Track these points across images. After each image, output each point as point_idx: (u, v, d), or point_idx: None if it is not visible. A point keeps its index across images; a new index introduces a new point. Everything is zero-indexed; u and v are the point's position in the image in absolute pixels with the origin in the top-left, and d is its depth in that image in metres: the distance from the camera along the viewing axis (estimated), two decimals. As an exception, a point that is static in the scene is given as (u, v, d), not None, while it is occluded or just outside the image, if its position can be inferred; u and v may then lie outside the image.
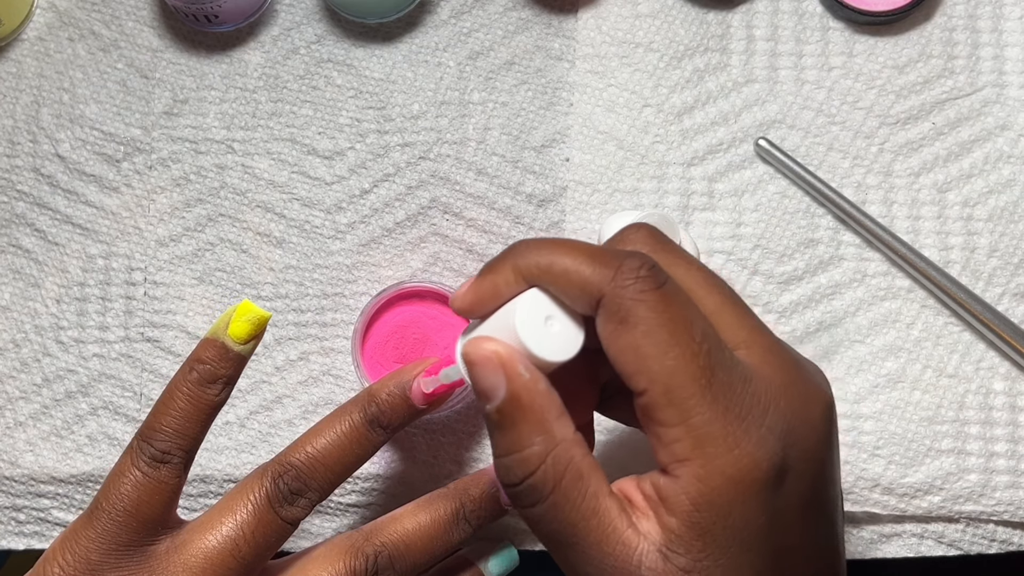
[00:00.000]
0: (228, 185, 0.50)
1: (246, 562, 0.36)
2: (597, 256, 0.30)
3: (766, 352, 0.30)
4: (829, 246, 0.48)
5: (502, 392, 0.30)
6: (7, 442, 0.49)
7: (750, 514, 0.28)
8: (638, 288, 0.29)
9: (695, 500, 0.28)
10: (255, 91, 0.51)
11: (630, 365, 0.29)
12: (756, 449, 0.28)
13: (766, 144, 0.48)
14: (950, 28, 0.49)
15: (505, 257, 0.31)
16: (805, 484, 0.29)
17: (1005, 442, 0.46)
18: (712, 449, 0.28)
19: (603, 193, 0.49)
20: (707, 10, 0.50)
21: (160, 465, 0.36)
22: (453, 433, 0.47)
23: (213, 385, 0.37)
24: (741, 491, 0.28)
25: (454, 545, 0.40)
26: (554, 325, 0.30)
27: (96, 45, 0.52)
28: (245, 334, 0.37)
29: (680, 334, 0.28)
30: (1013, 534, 0.45)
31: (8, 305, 0.50)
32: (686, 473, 0.28)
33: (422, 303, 0.45)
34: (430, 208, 0.49)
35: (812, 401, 0.30)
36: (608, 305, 0.29)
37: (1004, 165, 0.48)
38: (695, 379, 0.28)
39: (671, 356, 0.28)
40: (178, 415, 0.36)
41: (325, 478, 0.38)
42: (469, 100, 0.50)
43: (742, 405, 0.28)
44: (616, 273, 0.29)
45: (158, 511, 0.36)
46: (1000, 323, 0.45)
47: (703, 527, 0.28)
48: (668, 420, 0.28)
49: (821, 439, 0.30)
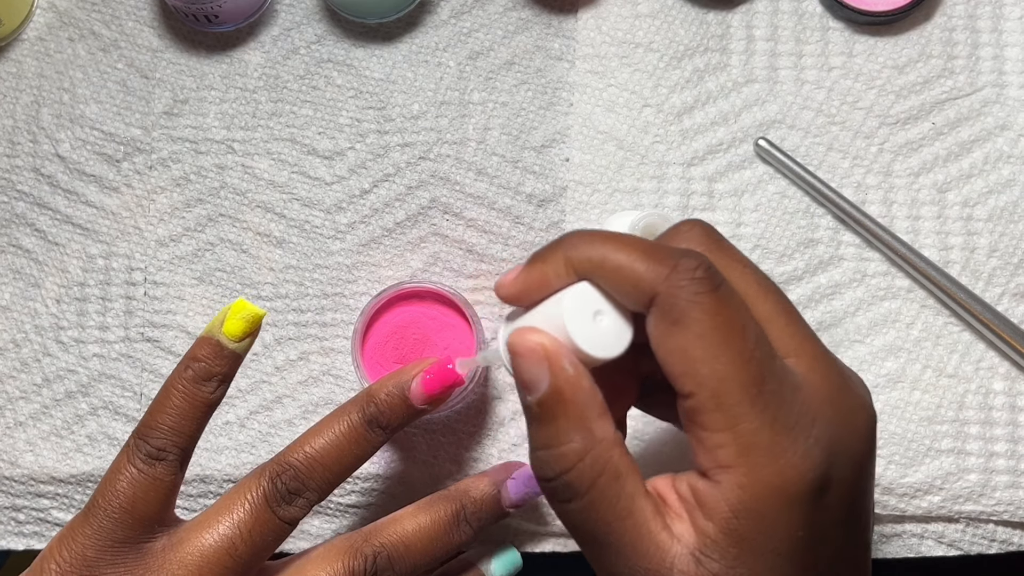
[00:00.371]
0: (228, 185, 0.50)
1: (243, 561, 0.36)
2: (652, 253, 0.29)
3: (814, 361, 0.30)
4: (829, 246, 0.48)
5: (545, 385, 0.29)
6: (7, 442, 0.49)
7: (791, 525, 0.28)
8: (693, 289, 0.28)
9: (735, 507, 0.28)
10: (255, 91, 0.51)
11: (679, 367, 0.28)
12: (802, 460, 0.28)
13: (766, 144, 0.48)
14: (950, 28, 0.49)
15: (557, 247, 0.31)
16: (846, 496, 0.29)
17: (1005, 442, 0.46)
18: (757, 458, 0.28)
19: (603, 193, 0.49)
20: (707, 10, 0.50)
21: (156, 462, 0.36)
22: (453, 433, 0.47)
23: (208, 383, 0.37)
24: (783, 502, 0.28)
25: (455, 547, 0.40)
26: (603, 321, 0.30)
27: (96, 45, 0.52)
28: (240, 332, 0.37)
29: (733, 340, 0.28)
30: (1013, 534, 0.45)
31: (8, 305, 0.50)
32: (728, 480, 0.28)
33: (422, 303, 0.45)
34: (430, 208, 0.49)
35: (857, 412, 0.30)
36: (662, 304, 0.29)
37: (1004, 165, 0.48)
38: (745, 386, 0.28)
39: (722, 361, 0.28)
40: (174, 413, 0.37)
41: (323, 478, 0.38)
42: (469, 100, 0.50)
43: (790, 415, 0.28)
44: (671, 272, 0.28)
45: (154, 508, 0.36)
46: (1000, 323, 0.45)
47: (740, 534, 0.28)
48: (714, 425, 0.28)
49: (864, 451, 0.30)
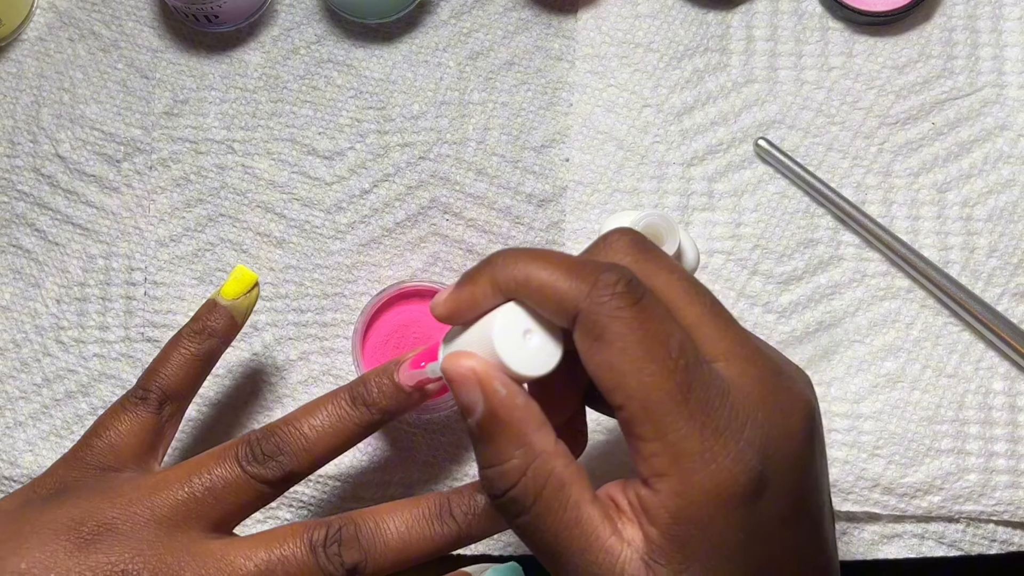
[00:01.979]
0: (228, 185, 0.50)
1: (196, 497, 0.36)
2: (574, 270, 0.30)
3: (745, 363, 0.30)
4: (829, 246, 0.48)
5: (480, 408, 0.30)
6: (7, 442, 0.49)
7: (729, 527, 0.28)
8: (614, 304, 0.29)
9: (674, 514, 0.28)
10: (255, 91, 0.51)
11: (607, 381, 0.29)
12: (734, 464, 0.28)
13: (766, 144, 0.48)
14: (950, 28, 0.49)
15: (483, 268, 0.31)
16: (786, 495, 0.29)
17: (1005, 442, 0.46)
18: (689, 464, 0.28)
19: (603, 193, 0.49)
20: (707, 10, 0.50)
21: (139, 401, 0.40)
22: (453, 433, 0.47)
23: (199, 335, 0.41)
24: (719, 505, 0.28)
25: (437, 540, 0.37)
26: (532, 340, 0.31)
27: (96, 45, 0.53)
28: (233, 292, 0.42)
29: (656, 350, 0.28)
30: (1013, 534, 0.45)
31: (8, 305, 0.50)
32: (665, 487, 0.28)
33: (422, 303, 0.45)
34: (430, 208, 0.49)
35: (792, 411, 0.30)
36: (584, 321, 0.29)
37: (1003, 165, 0.48)
38: (671, 396, 0.28)
39: (647, 373, 0.28)
40: (162, 359, 0.41)
41: (300, 445, 0.37)
42: (469, 100, 0.50)
43: (719, 420, 0.28)
44: (592, 288, 0.29)
45: (126, 440, 0.39)
46: (999, 323, 0.45)
47: (682, 540, 0.28)
48: (646, 435, 0.28)
49: (802, 450, 0.30)
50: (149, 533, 0.35)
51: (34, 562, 0.34)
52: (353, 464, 0.47)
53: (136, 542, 0.35)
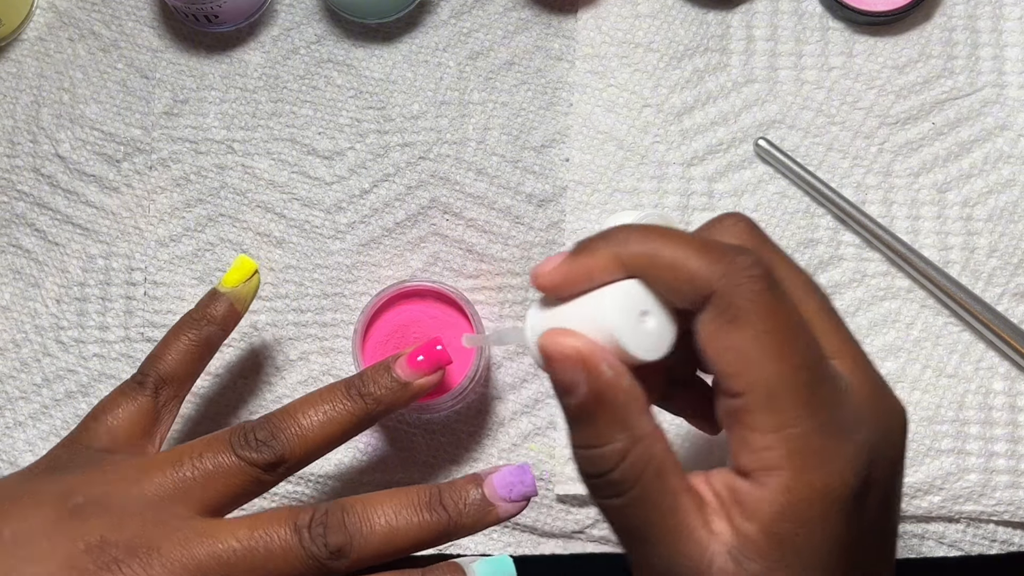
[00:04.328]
0: (228, 185, 0.50)
1: (185, 477, 0.35)
2: (706, 249, 0.28)
3: (856, 363, 0.30)
4: (829, 246, 0.48)
5: (583, 389, 0.29)
6: (7, 442, 0.49)
7: (833, 529, 0.28)
8: (753, 288, 0.28)
9: (780, 510, 0.27)
10: (255, 91, 0.51)
11: (732, 366, 0.28)
12: (847, 464, 0.28)
13: (766, 144, 0.48)
14: (950, 28, 0.49)
15: (603, 241, 0.30)
16: (883, 500, 0.29)
17: (1005, 442, 0.45)
18: (806, 462, 0.27)
19: (603, 193, 0.49)
20: (707, 10, 0.50)
21: (137, 386, 0.40)
22: (453, 433, 0.47)
23: (198, 322, 0.42)
24: (829, 506, 0.27)
25: (426, 528, 0.36)
26: (649, 321, 0.29)
27: (96, 45, 0.53)
28: (233, 280, 0.43)
29: (788, 342, 0.28)
30: (1014, 534, 0.45)
31: (8, 305, 0.50)
32: (774, 482, 0.27)
33: (423, 302, 0.45)
34: (430, 208, 0.49)
35: (894, 416, 0.30)
36: (718, 303, 0.28)
37: (1004, 165, 0.48)
38: (798, 390, 0.27)
39: (777, 364, 0.27)
40: (161, 346, 0.42)
41: (295, 433, 0.37)
42: (469, 100, 0.50)
43: (840, 420, 0.28)
44: (728, 269, 0.28)
45: (120, 422, 0.39)
46: (1000, 323, 0.45)
47: (783, 537, 0.27)
48: (763, 427, 0.28)
49: (899, 455, 0.30)
50: (134, 507, 0.35)
51: (17, 530, 0.34)
52: (353, 464, 0.47)
53: (120, 515, 0.34)
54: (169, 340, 0.42)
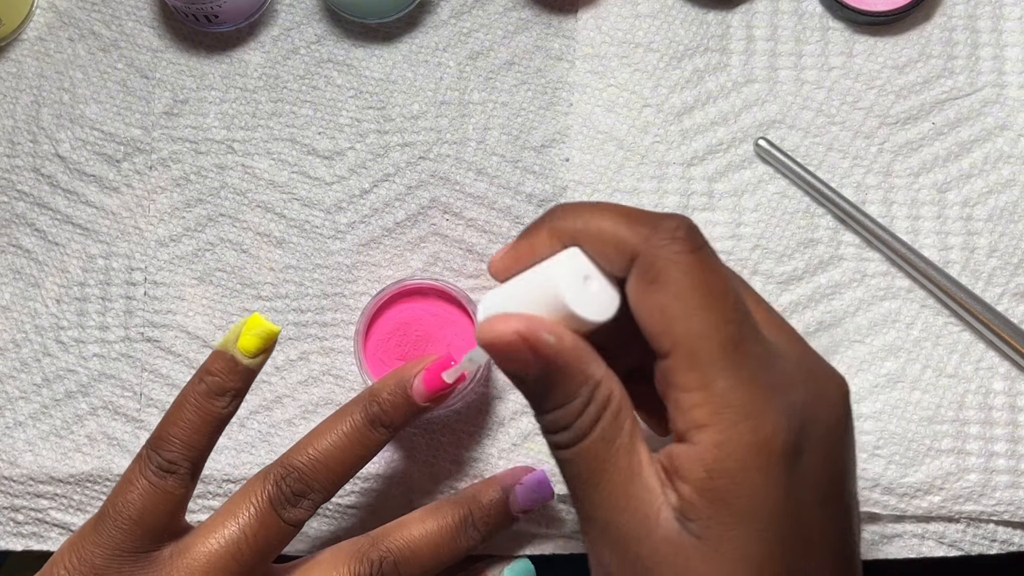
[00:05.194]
0: (228, 185, 0.50)
1: (248, 565, 0.36)
2: (634, 216, 0.29)
3: (784, 332, 0.30)
4: (829, 246, 0.48)
5: (535, 366, 0.29)
6: (6, 442, 0.49)
7: (768, 485, 0.27)
8: (674, 248, 0.28)
9: (710, 467, 0.27)
10: (255, 91, 0.51)
11: (657, 326, 0.28)
12: (777, 418, 0.27)
13: (766, 144, 0.48)
14: (950, 28, 0.49)
15: (542, 220, 0.31)
16: (823, 469, 0.29)
17: (1005, 442, 0.45)
18: (732, 416, 0.27)
19: (603, 193, 0.49)
20: (707, 10, 0.50)
21: (167, 475, 0.36)
22: (453, 433, 0.47)
23: (221, 397, 0.37)
24: (758, 460, 0.27)
25: (462, 552, 0.40)
26: (592, 285, 0.30)
27: (96, 45, 0.53)
28: (254, 348, 0.37)
29: (712, 299, 0.28)
30: (1014, 534, 0.45)
31: (8, 305, 0.50)
32: (704, 439, 0.28)
33: (424, 300, 0.45)
34: (430, 208, 0.49)
35: (832, 386, 0.30)
36: (641, 264, 0.29)
37: (1004, 165, 0.48)
38: (722, 345, 0.28)
39: (699, 320, 0.28)
40: (186, 426, 0.37)
41: (328, 479, 0.38)
42: (469, 100, 0.50)
43: (766, 377, 0.28)
44: (652, 232, 0.29)
45: (163, 520, 0.36)
46: (1000, 323, 0.45)
47: (717, 494, 0.27)
48: (689, 384, 0.28)
49: (840, 423, 0.30)
50: None
51: None
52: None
53: None
54: (196, 423, 0.37)
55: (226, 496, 0.48)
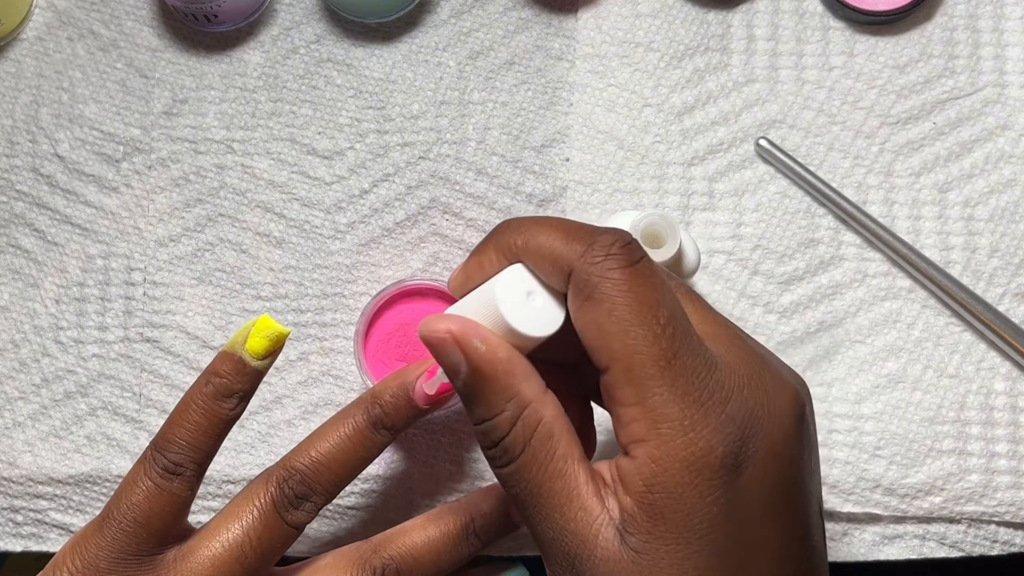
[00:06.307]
0: (228, 185, 0.50)
1: (251, 568, 0.36)
2: (572, 232, 0.30)
3: (732, 343, 0.30)
4: (830, 246, 0.48)
5: (464, 367, 0.30)
6: (5, 443, 0.49)
7: (703, 500, 0.28)
8: (607, 265, 0.29)
9: (648, 481, 0.28)
10: (255, 91, 0.51)
11: (594, 341, 0.29)
12: (713, 434, 0.28)
13: (766, 144, 0.48)
14: (951, 28, 0.49)
15: (489, 237, 0.32)
16: (768, 481, 0.29)
17: (1006, 442, 0.45)
18: (667, 431, 0.28)
19: (603, 193, 0.49)
20: (707, 10, 0.50)
21: (172, 477, 0.36)
22: (453, 433, 0.47)
23: (228, 399, 0.37)
24: (694, 475, 0.27)
25: (463, 559, 0.40)
26: (535, 301, 0.30)
27: (95, 45, 0.52)
28: (262, 350, 0.37)
29: (644, 314, 0.28)
30: (1015, 535, 0.45)
31: (7, 305, 0.50)
32: (641, 454, 0.28)
33: (424, 301, 0.45)
34: (430, 208, 0.49)
35: (779, 395, 0.29)
36: (576, 280, 0.29)
37: (1005, 165, 0.48)
38: (655, 360, 0.28)
39: (633, 335, 0.28)
40: (192, 428, 0.36)
41: (330, 481, 0.38)
42: (469, 100, 0.50)
43: (703, 390, 0.28)
44: (587, 249, 0.29)
45: (168, 522, 0.36)
46: (1001, 323, 0.45)
47: (656, 509, 0.28)
48: (626, 399, 0.28)
49: (788, 434, 0.29)
50: None
51: None
52: (353, 465, 0.47)
53: None
54: (202, 425, 0.37)
55: (226, 497, 0.48)
